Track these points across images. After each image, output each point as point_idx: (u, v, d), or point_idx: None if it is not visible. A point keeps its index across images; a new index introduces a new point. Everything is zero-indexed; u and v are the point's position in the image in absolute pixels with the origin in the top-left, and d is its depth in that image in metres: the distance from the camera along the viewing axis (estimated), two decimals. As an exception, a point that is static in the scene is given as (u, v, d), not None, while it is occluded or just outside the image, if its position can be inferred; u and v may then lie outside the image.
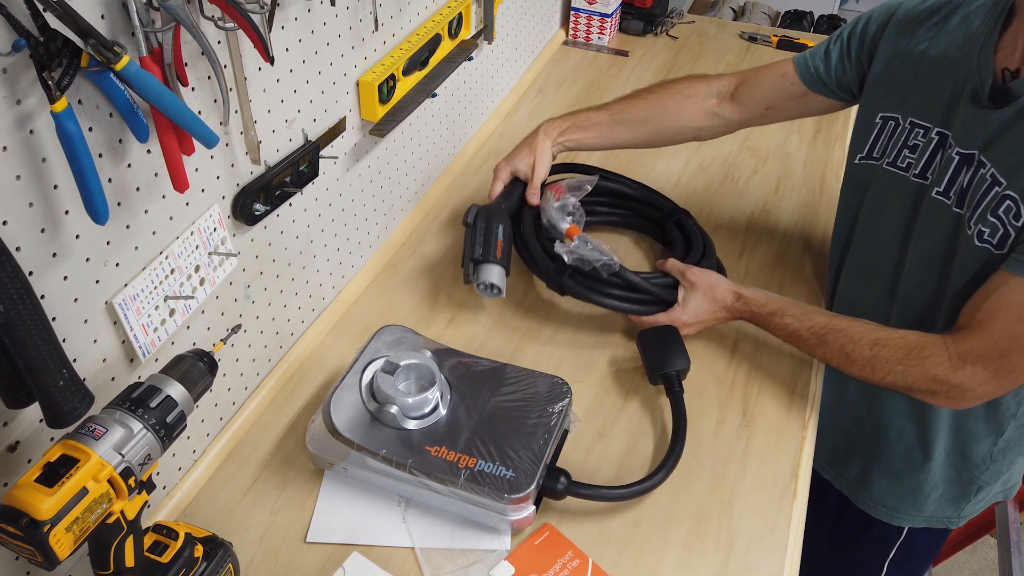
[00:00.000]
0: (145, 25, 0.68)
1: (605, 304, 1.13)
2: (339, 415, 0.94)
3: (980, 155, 0.93)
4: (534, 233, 1.19)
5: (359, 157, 1.16)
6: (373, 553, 0.89)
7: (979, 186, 0.92)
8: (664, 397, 1.06)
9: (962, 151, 0.95)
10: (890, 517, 1.19)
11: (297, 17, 0.93)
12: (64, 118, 0.61)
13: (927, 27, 1.02)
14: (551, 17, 1.87)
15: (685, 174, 1.50)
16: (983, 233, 0.91)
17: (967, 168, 0.94)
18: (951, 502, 1.15)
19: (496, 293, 1.13)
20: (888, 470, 1.16)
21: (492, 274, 1.12)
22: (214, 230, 0.89)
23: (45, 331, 0.63)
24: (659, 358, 1.07)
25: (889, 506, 1.18)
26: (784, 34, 1.96)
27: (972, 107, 0.94)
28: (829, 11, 3.17)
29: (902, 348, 0.94)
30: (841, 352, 0.98)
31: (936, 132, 1.00)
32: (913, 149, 1.03)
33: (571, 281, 1.13)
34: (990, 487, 1.13)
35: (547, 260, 1.15)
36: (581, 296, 1.13)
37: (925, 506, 1.16)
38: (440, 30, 1.24)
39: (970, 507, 1.16)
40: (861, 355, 0.96)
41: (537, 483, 0.88)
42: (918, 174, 1.02)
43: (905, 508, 1.17)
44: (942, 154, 0.99)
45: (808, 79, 1.16)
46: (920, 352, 0.93)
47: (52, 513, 0.62)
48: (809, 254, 1.32)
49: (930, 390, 0.93)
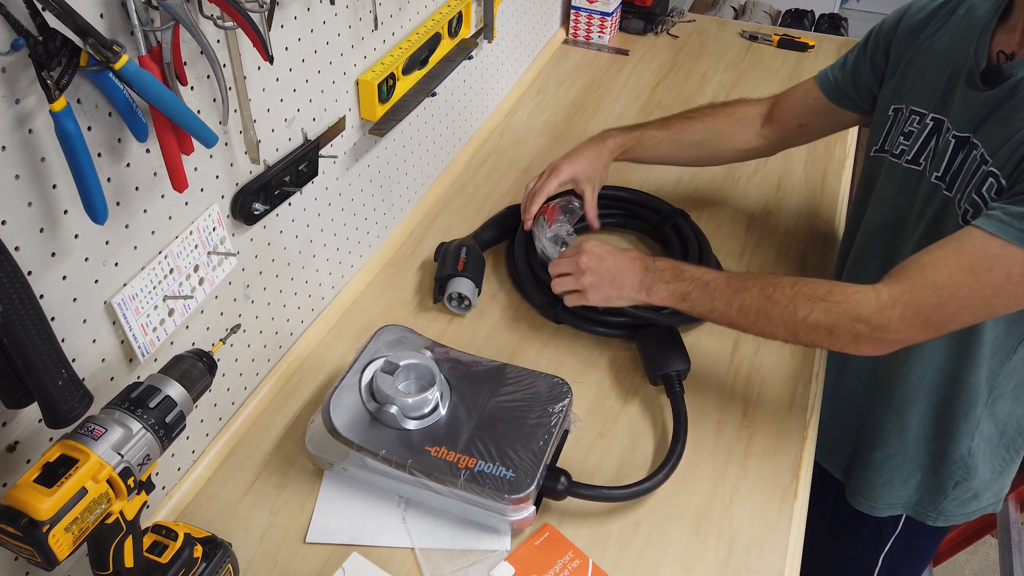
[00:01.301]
0: (144, 24, 0.68)
1: (601, 333, 1.15)
2: (339, 415, 0.93)
3: (973, 137, 0.93)
4: (527, 264, 1.22)
5: (359, 156, 1.16)
6: (373, 553, 0.89)
7: (970, 167, 0.93)
8: (664, 397, 1.05)
9: (958, 135, 0.96)
10: (871, 508, 1.19)
11: (296, 16, 0.93)
12: (63, 117, 0.61)
13: (937, 20, 1.04)
14: (551, 16, 1.87)
15: (686, 174, 1.50)
16: (967, 212, 0.91)
17: (962, 151, 0.95)
18: (928, 492, 1.14)
19: (466, 305, 1.17)
20: (870, 459, 1.16)
21: (457, 285, 1.16)
22: (213, 229, 0.89)
23: (44, 331, 0.63)
24: (659, 358, 1.07)
25: (869, 496, 1.18)
26: (785, 33, 1.96)
27: (967, 90, 0.95)
28: (830, 10, 3.17)
29: (824, 284, 0.90)
30: (762, 295, 0.92)
31: (931, 118, 1.01)
32: (908, 136, 1.04)
33: (566, 314, 1.15)
34: (967, 484, 1.12)
35: (539, 292, 1.18)
36: (576, 326, 1.16)
37: (903, 491, 1.15)
38: (440, 29, 1.23)
39: (949, 504, 1.14)
40: (783, 295, 0.90)
41: (537, 483, 0.88)
42: (911, 160, 1.03)
43: (884, 496, 1.17)
44: (938, 139, 0.99)
45: (829, 91, 1.18)
46: (844, 289, 0.88)
47: (51, 513, 0.62)
48: (810, 254, 1.32)
49: (852, 331, 0.87)
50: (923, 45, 1.05)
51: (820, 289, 0.90)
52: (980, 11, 0.99)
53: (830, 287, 0.89)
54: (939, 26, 1.04)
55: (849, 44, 1.97)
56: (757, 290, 0.93)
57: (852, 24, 3.23)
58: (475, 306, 1.18)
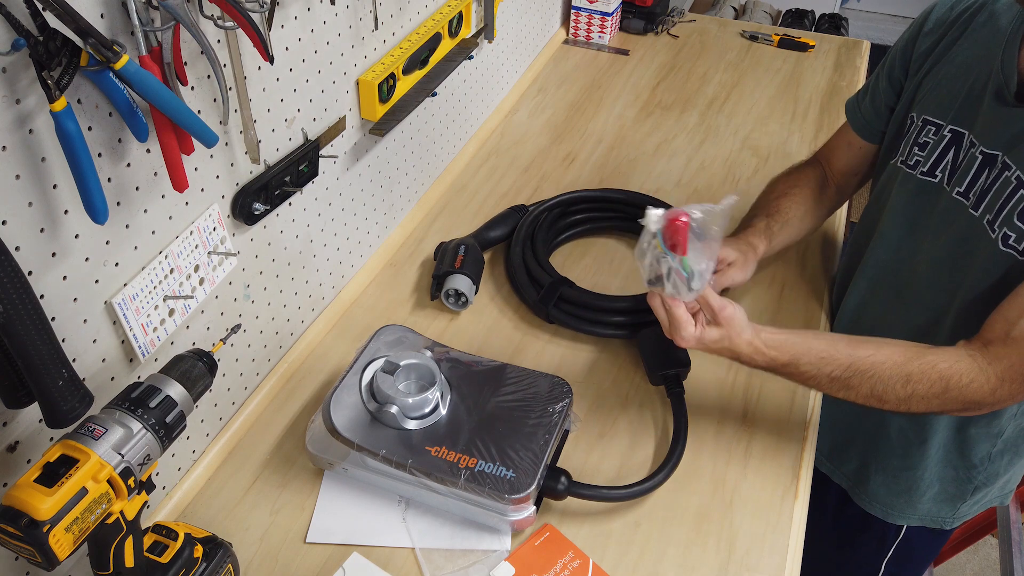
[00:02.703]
0: (144, 24, 0.68)
1: (594, 332, 1.15)
2: (339, 415, 0.94)
3: (1004, 156, 0.91)
4: (522, 261, 1.22)
5: (359, 156, 1.16)
6: (373, 553, 0.89)
7: (1003, 188, 0.90)
8: (664, 398, 1.05)
9: (986, 151, 0.93)
10: (885, 514, 1.18)
11: (297, 16, 0.93)
12: (63, 117, 0.61)
13: (955, 28, 1.02)
14: (551, 16, 1.87)
15: (686, 174, 1.50)
16: (1008, 237, 0.89)
17: (990, 169, 0.93)
18: (947, 501, 1.14)
19: (463, 302, 1.17)
20: (885, 466, 1.15)
21: (454, 282, 1.16)
22: (213, 229, 0.89)
23: (44, 331, 0.63)
24: (659, 358, 1.06)
25: (885, 503, 1.18)
26: (785, 33, 1.96)
27: (997, 106, 0.92)
28: (830, 10, 3.17)
29: (938, 382, 0.88)
30: (871, 395, 0.91)
31: (949, 130, 0.98)
32: (923, 147, 1.02)
33: (557, 311, 1.15)
34: (987, 488, 1.12)
35: (532, 290, 1.18)
36: (570, 326, 1.16)
37: (920, 504, 1.15)
38: (440, 29, 1.23)
39: (966, 507, 1.15)
40: (895, 396, 0.90)
41: (538, 483, 0.88)
42: (926, 171, 1.01)
43: (900, 506, 1.17)
44: (959, 153, 0.97)
45: (869, 134, 1.15)
46: (959, 382, 0.88)
47: (52, 513, 0.62)
48: (809, 254, 1.32)
49: (965, 409, 0.92)
50: (941, 55, 1.02)
51: (934, 388, 0.88)
52: (1003, 20, 0.96)
53: (943, 385, 0.88)
54: (958, 35, 1.01)
55: (849, 44, 1.97)
56: (866, 390, 0.91)
57: (852, 24, 3.24)
58: (471, 303, 1.18)
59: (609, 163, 1.52)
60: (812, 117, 1.68)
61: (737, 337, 0.91)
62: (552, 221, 1.30)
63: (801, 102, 1.73)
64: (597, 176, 1.48)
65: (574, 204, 1.34)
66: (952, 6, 1.04)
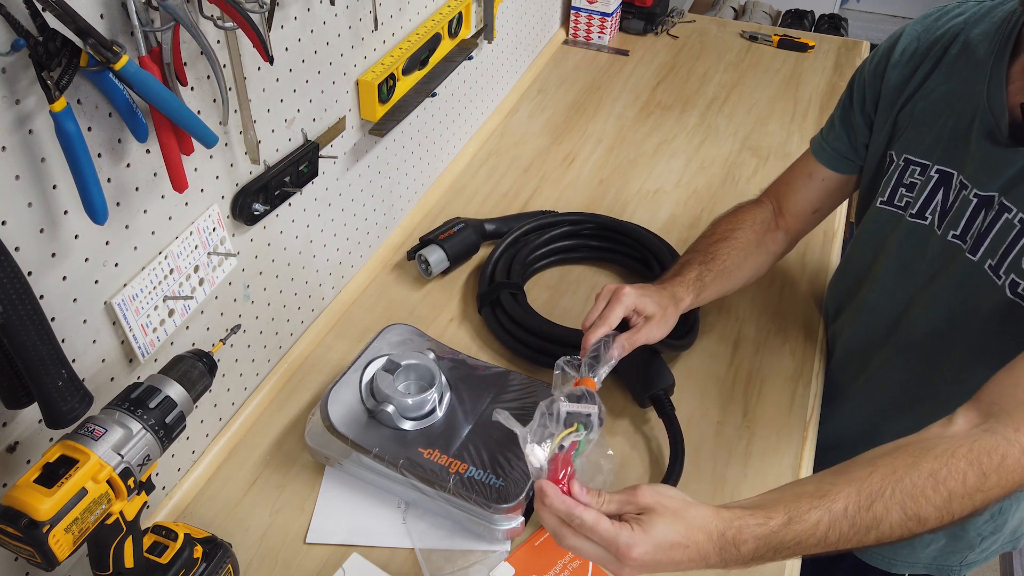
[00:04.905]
0: (144, 25, 0.68)
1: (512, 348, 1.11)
2: (336, 411, 0.94)
3: (1001, 198, 0.86)
4: (495, 257, 1.23)
5: (359, 157, 1.16)
6: (373, 554, 0.89)
7: (1005, 232, 0.85)
8: (655, 414, 1.03)
9: (980, 193, 0.88)
10: (889, 565, 1.13)
11: (296, 16, 0.93)
12: (63, 118, 0.61)
13: (927, 61, 0.95)
14: (551, 16, 1.87)
15: (685, 174, 1.50)
16: (1017, 285, 0.84)
17: (986, 211, 0.88)
18: (953, 553, 1.10)
19: (429, 272, 1.23)
20: None
21: (428, 251, 1.23)
22: (213, 230, 0.89)
23: (44, 331, 0.63)
24: (643, 380, 1.03)
25: (887, 555, 1.13)
26: (785, 33, 1.96)
27: (988, 146, 0.87)
28: (830, 10, 3.18)
29: (973, 477, 0.72)
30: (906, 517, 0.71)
31: (936, 170, 0.93)
32: (911, 188, 0.96)
33: (488, 311, 1.16)
34: (995, 536, 1.07)
35: (485, 282, 1.20)
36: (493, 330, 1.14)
37: (924, 554, 1.10)
38: (440, 29, 1.23)
39: (974, 556, 1.10)
40: (933, 508, 0.71)
41: (526, 494, 0.87)
42: (915, 214, 0.96)
43: (904, 555, 1.12)
44: (948, 193, 0.92)
45: (831, 162, 1.07)
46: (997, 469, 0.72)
47: (51, 514, 0.62)
48: (808, 256, 1.32)
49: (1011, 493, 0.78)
50: (916, 89, 0.96)
51: (971, 480, 0.72)
52: (980, 52, 0.89)
53: (982, 476, 0.72)
54: (931, 68, 0.94)
55: (849, 44, 1.97)
56: (898, 514, 0.71)
57: (852, 24, 3.24)
58: (435, 275, 1.24)
59: (609, 163, 1.52)
60: (812, 117, 1.68)
61: (686, 507, 0.70)
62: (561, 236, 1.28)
63: (801, 102, 1.73)
64: (597, 176, 1.48)
65: (588, 228, 1.30)
66: (918, 36, 0.97)
